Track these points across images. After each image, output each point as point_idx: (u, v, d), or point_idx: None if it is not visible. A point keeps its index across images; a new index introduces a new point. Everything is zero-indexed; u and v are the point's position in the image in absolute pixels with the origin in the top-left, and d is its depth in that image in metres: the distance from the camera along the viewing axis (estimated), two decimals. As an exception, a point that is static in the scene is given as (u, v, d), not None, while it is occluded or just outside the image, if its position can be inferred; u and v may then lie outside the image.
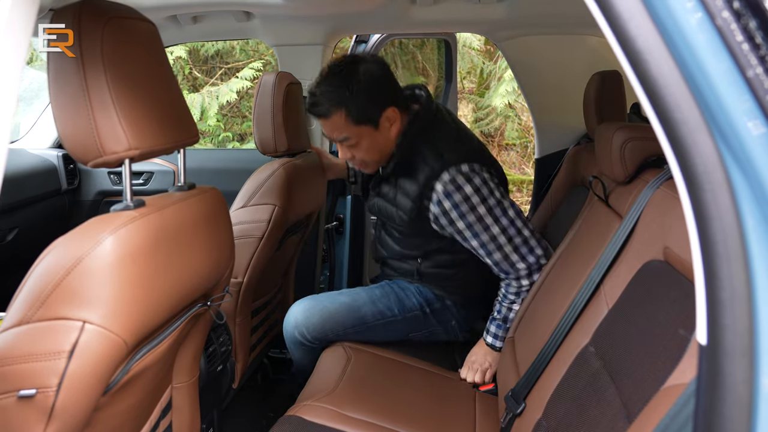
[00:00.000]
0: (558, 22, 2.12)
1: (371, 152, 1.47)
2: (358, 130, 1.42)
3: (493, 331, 1.55)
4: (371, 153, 1.48)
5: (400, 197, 1.49)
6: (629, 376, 0.80)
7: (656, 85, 0.47)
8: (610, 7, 0.48)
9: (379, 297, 1.65)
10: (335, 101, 1.39)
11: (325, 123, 1.44)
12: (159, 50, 0.96)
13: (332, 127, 1.43)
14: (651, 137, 1.17)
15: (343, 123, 1.41)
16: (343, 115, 1.40)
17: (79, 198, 2.48)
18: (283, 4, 1.78)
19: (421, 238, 1.55)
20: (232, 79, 5.41)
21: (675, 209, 0.89)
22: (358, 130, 1.42)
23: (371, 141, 1.45)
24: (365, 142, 1.45)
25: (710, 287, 0.46)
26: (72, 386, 0.74)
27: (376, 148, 1.47)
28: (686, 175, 0.47)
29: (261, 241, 1.66)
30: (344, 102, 1.38)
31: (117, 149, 0.84)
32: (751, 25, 0.46)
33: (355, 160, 1.50)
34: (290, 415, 1.27)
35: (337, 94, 1.38)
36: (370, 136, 1.44)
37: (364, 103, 1.40)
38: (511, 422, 1.18)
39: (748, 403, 0.45)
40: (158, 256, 0.86)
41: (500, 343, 1.54)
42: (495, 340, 1.54)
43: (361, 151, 1.47)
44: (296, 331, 1.64)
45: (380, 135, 1.45)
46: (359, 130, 1.42)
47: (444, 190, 1.40)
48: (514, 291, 1.49)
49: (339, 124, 1.41)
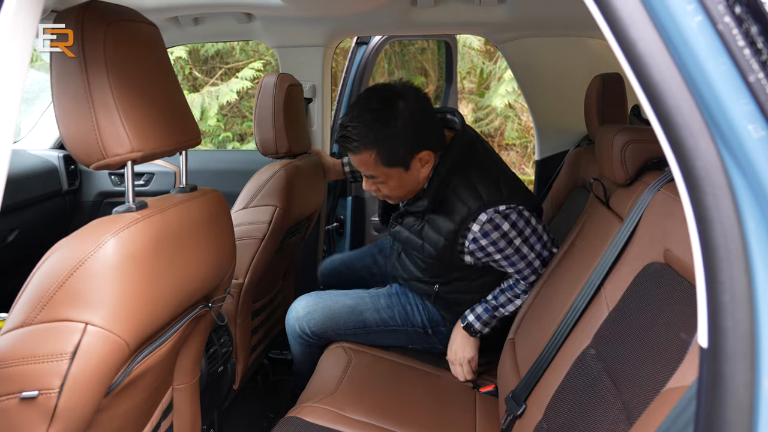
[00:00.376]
0: (558, 24, 2.12)
1: (398, 190, 1.43)
2: (387, 171, 1.37)
3: (478, 312, 1.50)
4: (397, 191, 1.43)
5: (428, 231, 1.44)
6: (630, 379, 0.80)
7: (657, 88, 0.48)
8: (611, 10, 0.49)
9: (384, 307, 1.63)
10: (367, 141, 1.32)
11: (354, 157, 1.38)
12: (161, 52, 0.97)
13: (360, 163, 1.38)
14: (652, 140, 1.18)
15: (372, 162, 1.35)
16: (373, 155, 1.34)
17: (79, 199, 2.48)
18: (284, 5, 1.79)
19: (446, 268, 1.50)
20: (232, 79, 5.41)
21: (676, 212, 0.89)
22: (387, 171, 1.37)
23: (399, 181, 1.40)
24: (393, 182, 1.40)
25: (711, 290, 0.47)
26: (74, 388, 0.75)
27: (404, 188, 1.42)
28: (687, 178, 0.48)
29: (262, 242, 1.66)
30: (376, 144, 1.32)
31: (119, 151, 0.84)
32: (753, 31, 0.46)
33: (379, 193, 1.46)
34: (291, 417, 1.27)
35: (369, 134, 1.31)
36: (399, 176, 1.38)
37: (397, 148, 1.33)
38: (512, 424, 1.18)
39: (749, 406, 0.45)
40: (160, 257, 0.87)
41: (480, 326, 1.49)
42: (476, 321, 1.49)
43: (387, 188, 1.42)
44: (297, 324, 1.64)
45: (410, 176, 1.39)
46: (388, 171, 1.37)
47: (481, 229, 1.37)
48: (523, 289, 1.49)
49: (368, 163, 1.36)
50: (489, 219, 1.35)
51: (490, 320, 1.51)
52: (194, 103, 5.26)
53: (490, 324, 1.51)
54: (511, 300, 1.50)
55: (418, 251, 1.49)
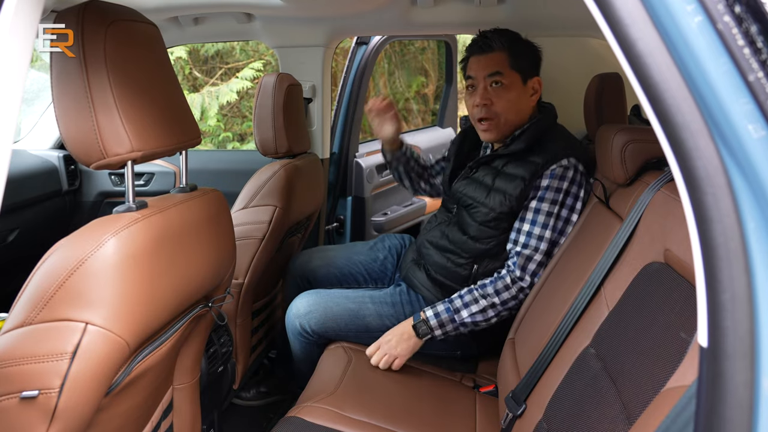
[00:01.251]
0: (558, 24, 2.12)
1: (510, 108, 1.52)
2: (512, 75, 1.51)
3: (438, 309, 1.45)
4: (509, 109, 1.52)
5: (501, 180, 1.51)
6: (630, 378, 0.80)
7: (657, 87, 0.48)
8: (611, 10, 0.49)
9: (387, 314, 1.61)
10: (504, 42, 1.52)
11: (483, 58, 1.52)
12: (161, 52, 0.97)
13: (490, 62, 1.51)
14: (652, 139, 1.18)
15: (502, 61, 1.51)
16: (504, 56, 1.51)
17: (79, 199, 2.48)
18: (284, 5, 1.79)
19: (496, 229, 1.52)
20: (232, 79, 5.41)
21: (675, 211, 0.89)
22: (511, 74, 1.51)
23: (516, 95, 1.52)
24: (512, 93, 1.51)
25: (711, 289, 0.47)
26: (74, 387, 0.75)
27: (515, 107, 1.53)
28: (687, 178, 0.48)
29: (262, 242, 1.66)
30: (511, 46, 1.52)
31: (119, 151, 0.84)
32: (753, 30, 0.46)
33: (490, 108, 1.52)
34: (291, 416, 1.27)
35: (507, 39, 1.53)
36: (517, 89, 1.52)
37: (524, 57, 1.54)
38: (512, 424, 1.18)
39: (749, 405, 0.45)
40: (160, 257, 0.87)
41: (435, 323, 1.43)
42: (433, 317, 1.44)
43: (502, 101, 1.51)
44: (297, 321, 1.63)
45: (524, 95, 1.53)
46: (512, 74, 1.51)
47: (554, 170, 1.46)
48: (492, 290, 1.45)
49: (498, 61, 1.51)
50: (566, 167, 1.46)
51: (447, 322, 1.44)
52: (194, 103, 5.26)
53: (445, 327, 1.44)
54: (476, 300, 1.44)
55: (481, 204, 1.53)
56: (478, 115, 1.54)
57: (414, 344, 1.47)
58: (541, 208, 1.46)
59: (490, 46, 1.52)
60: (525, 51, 1.55)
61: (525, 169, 1.48)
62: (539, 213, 1.46)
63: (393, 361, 1.47)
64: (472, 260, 1.56)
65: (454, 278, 1.59)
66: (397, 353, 1.47)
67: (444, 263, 1.60)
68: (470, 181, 1.59)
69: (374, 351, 1.49)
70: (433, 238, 1.67)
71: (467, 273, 1.57)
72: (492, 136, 1.56)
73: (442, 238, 1.63)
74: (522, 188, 1.47)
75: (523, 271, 1.46)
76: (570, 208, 1.47)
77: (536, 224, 1.46)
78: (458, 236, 1.58)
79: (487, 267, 1.55)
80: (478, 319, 1.45)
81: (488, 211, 1.51)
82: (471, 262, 1.56)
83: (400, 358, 1.47)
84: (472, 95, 1.56)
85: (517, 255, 1.47)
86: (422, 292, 1.65)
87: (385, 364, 1.48)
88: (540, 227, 1.46)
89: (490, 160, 1.58)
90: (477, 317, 1.45)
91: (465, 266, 1.57)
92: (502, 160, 1.54)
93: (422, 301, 1.64)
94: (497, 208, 1.49)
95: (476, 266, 1.56)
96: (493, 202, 1.50)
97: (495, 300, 1.45)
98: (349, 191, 2.62)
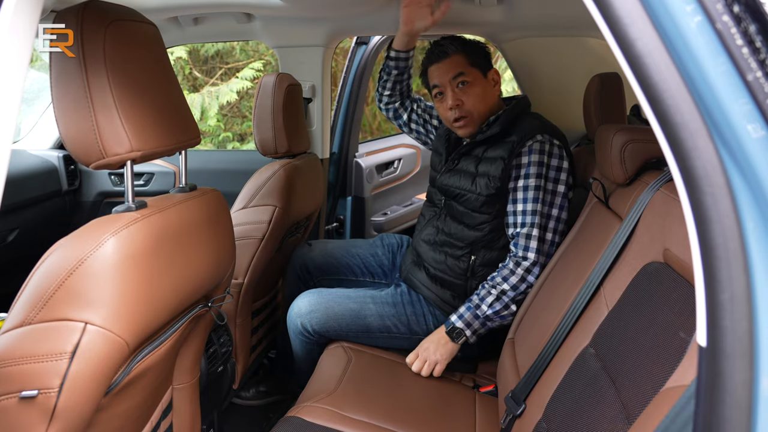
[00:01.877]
0: (558, 24, 2.12)
1: (479, 102, 1.61)
2: (473, 72, 1.62)
3: (461, 311, 1.50)
4: (478, 103, 1.61)
5: (484, 164, 1.57)
6: (629, 378, 0.80)
7: (656, 87, 0.48)
8: (610, 10, 0.49)
9: (389, 314, 1.62)
10: (458, 45, 1.64)
11: (444, 63, 1.63)
12: (161, 52, 0.97)
13: (451, 66, 1.62)
14: (651, 139, 1.18)
15: (462, 62, 1.62)
16: (461, 57, 1.62)
17: (79, 199, 2.48)
18: (284, 5, 1.79)
19: (488, 213, 1.56)
20: (232, 79, 5.41)
21: (675, 211, 0.89)
22: (472, 71, 1.62)
23: (481, 88, 1.62)
24: (477, 88, 1.61)
25: (710, 289, 0.47)
26: (74, 387, 0.75)
27: (483, 100, 1.62)
28: (686, 178, 0.48)
29: (261, 242, 1.66)
30: (464, 47, 1.64)
31: (119, 151, 0.84)
32: (751, 30, 0.46)
33: (462, 107, 1.61)
34: (290, 416, 1.27)
35: (459, 42, 1.66)
36: (481, 83, 1.62)
37: (478, 53, 1.65)
38: (512, 423, 1.18)
39: (748, 405, 0.45)
40: (160, 257, 0.87)
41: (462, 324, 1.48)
42: (458, 320, 1.49)
43: (471, 98, 1.60)
44: (299, 320, 1.64)
45: (488, 87, 1.64)
46: (473, 71, 1.62)
47: (531, 146, 1.52)
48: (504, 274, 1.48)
49: (458, 63, 1.62)
50: (542, 142, 1.52)
51: (472, 320, 1.48)
52: (194, 103, 5.26)
53: (472, 325, 1.48)
54: (489, 291, 1.48)
55: (468, 191, 1.57)
56: (453, 116, 1.63)
57: (451, 348, 1.51)
58: (528, 184, 1.50)
59: (446, 52, 1.63)
60: (477, 48, 1.66)
61: (503, 149, 1.54)
62: (527, 190, 1.50)
63: (434, 366, 1.51)
64: (469, 251, 1.58)
65: (453, 273, 1.60)
66: (437, 358, 1.51)
67: (442, 259, 1.62)
68: (454, 173, 1.65)
69: (414, 359, 1.53)
70: (427, 236, 1.69)
71: (465, 265, 1.59)
72: (469, 130, 1.64)
73: (437, 233, 1.66)
74: (503, 167, 1.52)
75: (526, 250, 1.49)
76: (554, 180, 1.52)
77: (527, 201, 1.50)
78: (453, 226, 1.62)
79: (485, 257, 1.57)
80: (497, 308, 1.48)
81: (476, 196, 1.55)
82: (468, 252, 1.58)
83: (441, 363, 1.51)
84: (443, 101, 1.65)
85: (516, 236, 1.51)
86: (423, 291, 1.65)
87: (428, 371, 1.51)
88: (531, 203, 1.50)
89: (470, 150, 1.64)
90: (496, 306, 1.48)
91: (462, 258, 1.59)
92: (481, 147, 1.61)
93: (423, 301, 1.65)
94: (484, 191, 1.54)
95: (474, 257, 1.58)
96: (479, 187, 1.55)
97: (505, 286, 1.48)
98: (349, 191, 2.62)
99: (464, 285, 1.59)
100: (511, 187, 1.53)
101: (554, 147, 1.52)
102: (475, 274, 1.58)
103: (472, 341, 1.51)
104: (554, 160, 1.52)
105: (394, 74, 1.96)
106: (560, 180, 1.52)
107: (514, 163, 1.52)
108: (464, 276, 1.59)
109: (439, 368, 1.51)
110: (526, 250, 1.49)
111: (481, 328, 1.50)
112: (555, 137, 1.54)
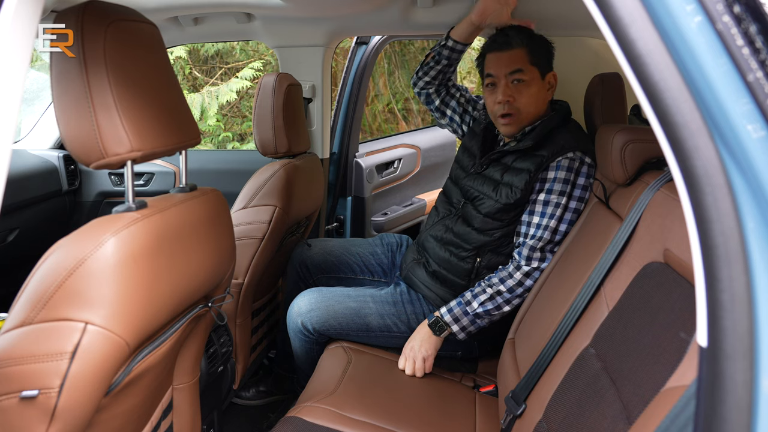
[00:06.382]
0: (558, 24, 2.12)
1: (530, 103, 1.55)
2: (532, 71, 1.55)
3: (451, 305, 1.51)
4: (529, 103, 1.55)
5: (509, 174, 1.54)
6: (629, 378, 0.80)
7: (657, 87, 0.48)
8: (611, 10, 0.49)
9: (389, 313, 1.62)
10: (523, 38, 1.56)
11: (504, 54, 1.55)
12: (161, 52, 0.97)
13: (510, 59, 1.55)
14: (651, 139, 1.17)
15: (522, 58, 1.54)
16: (524, 52, 1.55)
17: (79, 199, 2.48)
18: (284, 5, 1.79)
19: (501, 220, 1.55)
20: (232, 79, 5.41)
21: (675, 211, 0.89)
22: (531, 70, 1.55)
23: (536, 90, 1.56)
24: (533, 89, 1.55)
25: (710, 289, 0.47)
26: (74, 387, 0.75)
27: (535, 102, 1.56)
28: (687, 178, 0.48)
29: (262, 242, 1.66)
30: (530, 42, 1.56)
31: (119, 151, 0.84)
32: (752, 30, 0.46)
33: (512, 105, 1.55)
34: (291, 416, 1.27)
35: (526, 35, 1.57)
36: (537, 84, 1.56)
37: (542, 52, 1.58)
38: (512, 424, 1.18)
39: (749, 405, 0.45)
40: (160, 257, 0.87)
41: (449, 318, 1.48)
42: (447, 313, 1.49)
43: (524, 97, 1.55)
44: (299, 319, 1.64)
45: (542, 90, 1.57)
46: (532, 70, 1.55)
47: (560, 162, 1.48)
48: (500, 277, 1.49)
49: (519, 58, 1.55)
50: (572, 159, 1.49)
51: (461, 315, 1.49)
52: (194, 103, 5.26)
53: (461, 321, 1.49)
54: (484, 290, 1.48)
55: (487, 196, 1.56)
56: (501, 112, 1.57)
57: (435, 342, 1.51)
58: (550, 200, 1.48)
59: (509, 43, 1.55)
60: (542, 47, 1.59)
61: (532, 162, 1.51)
62: (548, 205, 1.48)
63: (423, 363, 1.51)
64: (475, 253, 1.58)
65: (456, 272, 1.60)
66: (423, 354, 1.51)
67: (447, 257, 1.62)
68: (480, 176, 1.63)
69: (404, 363, 1.54)
70: (436, 232, 1.69)
71: (470, 267, 1.58)
72: (513, 129, 1.60)
73: (446, 232, 1.65)
74: (527, 180, 1.50)
75: (529, 259, 1.48)
76: (579, 199, 1.49)
77: (545, 216, 1.48)
78: (462, 228, 1.61)
79: (490, 261, 1.57)
80: (488, 307, 1.48)
81: (494, 202, 1.54)
82: (474, 255, 1.58)
83: (428, 358, 1.51)
84: (493, 92, 1.58)
85: (522, 245, 1.50)
86: (422, 290, 1.65)
87: (420, 369, 1.51)
88: (548, 218, 1.48)
89: (500, 157, 1.61)
90: (487, 305, 1.48)
91: (468, 259, 1.58)
92: (511, 156, 1.58)
93: (423, 300, 1.65)
94: (503, 200, 1.53)
95: (479, 260, 1.58)
96: (500, 195, 1.54)
97: (501, 287, 1.48)
98: (349, 191, 2.63)
99: (466, 286, 1.59)
100: (532, 199, 1.51)
101: (584, 165, 1.49)
102: (479, 275, 1.58)
103: (461, 338, 1.51)
104: (581, 179, 1.49)
105: (443, 63, 1.83)
106: (584, 198, 1.50)
107: (540, 177, 1.50)
108: (467, 277, 1.59)
109: (429, 363, 1.51)
110: (529, 259, 1.48)
111: (470, 326, 1.50)
112: (587, 155, 1.51)
